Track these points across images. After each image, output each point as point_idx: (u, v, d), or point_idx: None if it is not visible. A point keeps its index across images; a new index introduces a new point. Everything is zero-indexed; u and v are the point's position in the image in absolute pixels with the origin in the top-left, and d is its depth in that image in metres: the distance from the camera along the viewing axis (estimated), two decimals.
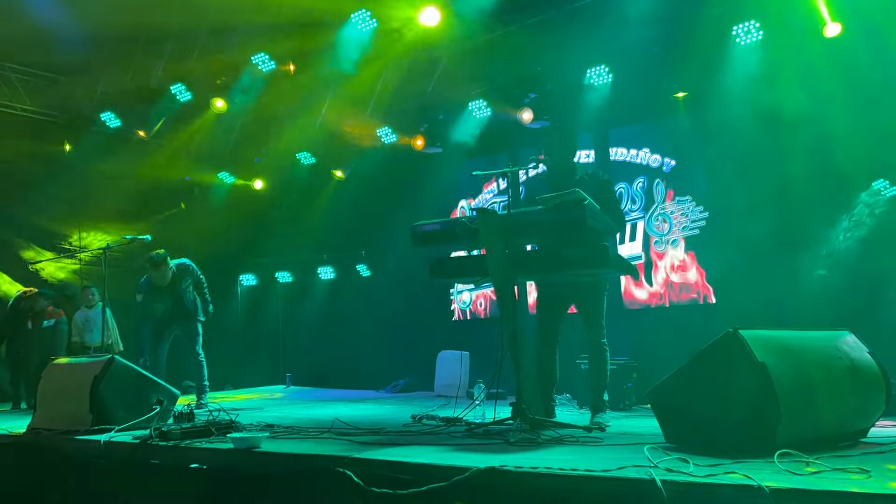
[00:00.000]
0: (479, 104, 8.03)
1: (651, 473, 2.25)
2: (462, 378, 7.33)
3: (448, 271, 4.26)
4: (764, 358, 2.76)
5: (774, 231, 6.67)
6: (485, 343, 8.57)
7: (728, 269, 7.15)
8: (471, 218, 3.96)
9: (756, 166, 6.92)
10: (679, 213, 7.96)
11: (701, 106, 7.41)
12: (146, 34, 8.18)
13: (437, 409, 5.35)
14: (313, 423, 4.58)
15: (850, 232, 6.14)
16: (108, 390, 4.56)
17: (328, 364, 9.84)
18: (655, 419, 3.16)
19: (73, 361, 5.11)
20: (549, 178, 4.48)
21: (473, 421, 4.12)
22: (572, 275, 3.89)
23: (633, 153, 8.25)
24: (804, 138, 6.45)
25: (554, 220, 3.65)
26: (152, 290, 6.70)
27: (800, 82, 6.35)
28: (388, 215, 9.65)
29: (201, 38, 7.95)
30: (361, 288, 10.04)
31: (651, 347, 6.85)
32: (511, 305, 3.87)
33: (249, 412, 5.99)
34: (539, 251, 3.95)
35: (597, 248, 3.70)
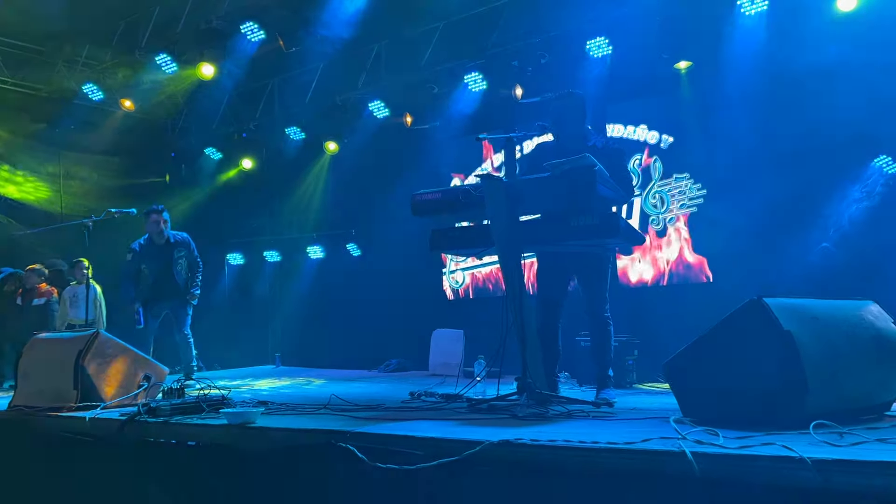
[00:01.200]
0: (475, 77, 7.83)
1: (680, 445, 2.10)
2: (458, 357, 7.18)
3: (449, 242, 4.08)
4: (790, 326, 2.62)
5: (775, 207, 6.57)
6: (479, 322, 8.45)
7: (727, 246, 7.05)
8: (475, 185, 3.78)
9: (756, 143, 6.81)
10: (677, 191, 7.84)
11: (700, 81, 7.27)
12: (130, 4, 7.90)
13: (434, 386, 5.22)
14: (308, 401, 4.41)
15: (861, 203, 6.03)
16: (93, 366, 4.36)
17: (318, 344, 9.68)
18: (663, 396, 3.03)
19: (56, 336, 4.90)
20: (558, 146, 4.30)
21: (476, 397, 3.97)
22: (580, 245, 3.73)
23: (630, 130, 8.10)
24: (807, 112, 6.34)
25: (562, 187, 3.49)
26: (144, 253, 6.59)
27: (805, 55, 6.21)
28: (378, 193, 9.48)
29: (188, 5, 7.67)
30: (351, 267, 9.86)
31: (651, 325, 6.74)
32: (517, 277, 3.71)
33: (240, 390, 5.82)
34: (546, 220, 3.78)
35: (607, 217, 3.55)
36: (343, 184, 9.88)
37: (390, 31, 8.24)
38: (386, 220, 9.47)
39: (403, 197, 9.10)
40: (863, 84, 5.95)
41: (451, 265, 9.41)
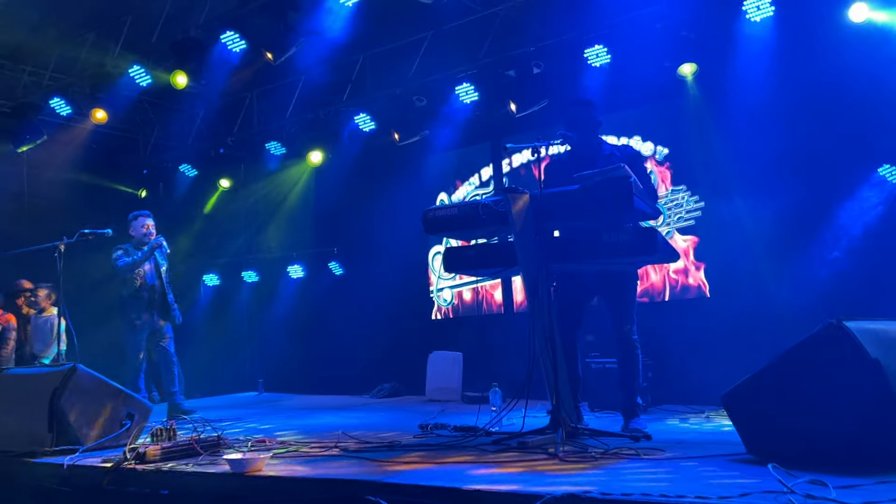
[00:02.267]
0: (466, 88, 7.54)
1: (792, 502, 1.79)
2: (457, 381, 6.83)
3: (466, 262, 3.76)
4: (876, 354, 2.34)
5: (778, 218, 6.36)
6: (470, 342, 8.19)
7: (727, 259, 6.83)
8: (496, 199, 3.47)
9: (756, 153, 6.61)
10: (673, 204, 7.61)
11: (697, 90, 7.07)
12: (101, 13, 7.47)
13: (442, 415, 4.89)
14: (311, 436, 4.04)
15: (877, 209, 5.84)
16: (71, 405, 3.94)
17: (302, 368, 9.25)
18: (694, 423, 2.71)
19: (28, 371, 4.45)
20: (574, 156, 4.01)
21: (498, 430, 3.64)
22: (614, 263, 3.44)
23: (623, 141, 7.88)
24: (813, 121, 6.17)
25: (595, 200, 3.19)
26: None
27: (812, 63, 6.05)
28: (361, 209, 9.15)
29: (163, 15, 7.28)
30: (334, 287, 9.46)
31: (656, 344, 6.48)
32: (545, 298, 3.39)
33: (230, 424, 5.40)
34: (574, 236, 3.48)
35: (643, 232, 3.26)
36: (325, 200, 9.51)
37: (376, 42, 7.93)
38: (369, 236, 9.14)
39: (388, 213, 8.92)
40: (871, 94, 5.79)
41: (439, 283, 9.08)
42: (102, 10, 7.40)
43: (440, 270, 8.93)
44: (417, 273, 8.96)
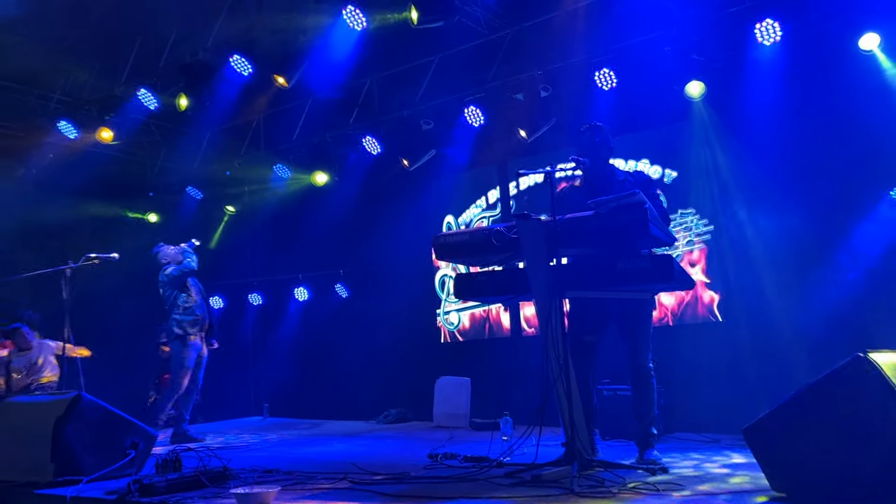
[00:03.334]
0: (473, 112, 7.51)
1: None
2: (465, 407, 6.73)
3: (476, 289, 3.70)
4: None
5: (790, 241, 6.28)
6: (477, 367, 8.09)
7: (737, 284, 6.75)
8: (508, 225, 3.42)
9: (766, 175, 6.55)
10: (682, 227, 7.55)
11: (705, 113, 7.04)
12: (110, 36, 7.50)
13: (449, 444, 4.80)
14: (318, 466, 3.95)
15: None
16: (75, 434, 3.86)
17: (308, 392, 9.15)
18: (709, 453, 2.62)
19: (30, 400, 4.38)
20: (586, 182, 3.96)
21: (510, 462, 3.55)
22: (629, 290, 3.37)
23: (631, 164, 7.83)
24: (821, 145, 6.12)
25: (611, 227, 3.13)
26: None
27: (823, 87, 6.02)
28: (367, 232, 9.12)
29: (171, 38, 7.30)
30: (340, 309, 9.39)
31: (666, 369, 6.37)
32: (559, 326, 3.32)
33: (237, 451, 5.31)
34: (588, 263, 3.42)
35: (659, 260, 3.19)
36: (331, 223, 9.46)
37: (384, 65, 7.93)
38: (376, 259, 9.09)
39: (394, 235, 8.86)
40: (883, 117, 5.74)
41: (446, 305, 9.00)
42: (111, 33, 7.41)
43: (446, 294, 8.86)
44: (423, 296, 8.90)
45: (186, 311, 6.72)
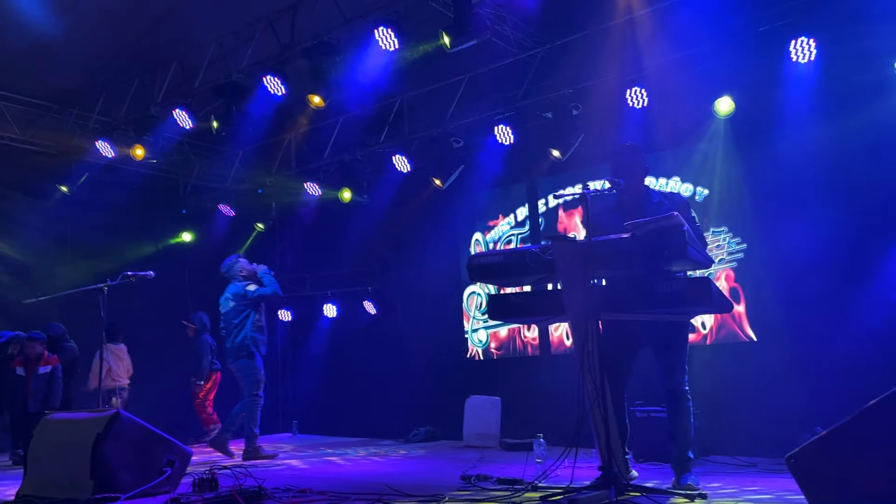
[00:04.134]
0: (503, 130, 7.54)
1: None
2: (495, 427, 6.69)
3: (510, 310, 3.69)
4: None
5: (825, 260, 6.17)
6: (506, 385, 8.06)
7: (771, 303, 6.64)
8: (543, 247, 3.42)
9: (800, 192, 6.46)
10: (714, 246, 7.47)
11: (736, 130, 6.97)
12: (147, 58, 7.66)
13: (480, 464, 4.78)
14: (350, 486, 3.96)
15: None
16: (113, 451, 3.91)
17: (336, 409, 9.18)
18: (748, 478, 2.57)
19: (70, 416, 4.45)
20: (621, 203, 3.95)
21: (545, 485, 3.53)
22: (666, 313, 3.34)
23: (661, 182, 7.79)
24: (858, 163, 6.03)
25: (649, 249, 3.12)
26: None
27: (857, 107, 5.95)
28: (396, 249, 9.17)
29: (206, 59, 7.44)
30: (369, 326, 9.43)
31: (700, 390, 6.29)
32: (594, 348, 3.30)
33: (269, 470, 5.34)
34: (624, 285, 3.40)
35: (698, 282, 3.17)
36: (360, 240, 9.52)
37: (414, 84, 7.99)
38: (404, 276, 9.13)
39: (422, 252, 8.88)
40: None
41: (474, 323, 8.99)
42: (148, 54, 7.58)
43: (475, 311, 8.85)
44: (452, 313, 8.90)
45: (259, 330, 6.91)
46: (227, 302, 6.97)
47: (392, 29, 6.15)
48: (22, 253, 8.34)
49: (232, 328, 6.83)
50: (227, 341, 6.87)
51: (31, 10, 6.65)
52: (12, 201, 8.39)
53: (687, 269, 3.32)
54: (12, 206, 8.38)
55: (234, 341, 6.79)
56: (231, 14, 6.95)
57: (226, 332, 6.92)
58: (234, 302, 6.88)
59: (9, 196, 8.37)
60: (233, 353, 6.78)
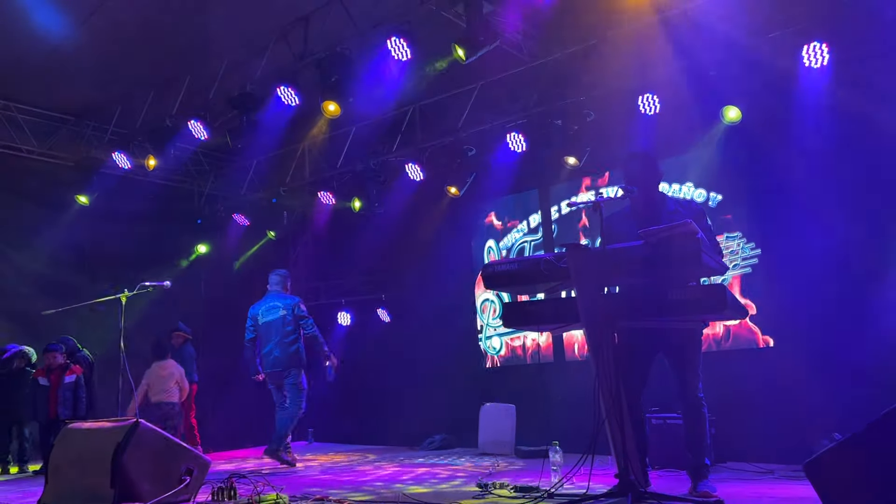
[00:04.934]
0: (515, 138, 7.56)
1: None
2: (510, 434, 6.69)
3: (525, 318, 3.71)
4: None
5: (840, 265, 6.14)
6: (521, 392, 8.05)
7: (787, 308, 6.61)
8: (558, 255, 3.43)
9: (814, 197, 6.43)
10: (728, 251, 7.45)
11: (749, 135, 6.95)
12: (162, 70, 7.75)
13: (496, 472, 4.78)
14: (367, 494, 3.98)
15: None
16: (133, 460, 3.96)
17: (351, 418, 9.20)
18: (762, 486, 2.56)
19: (91, 426, 4.50)
20: (636, 210, 3.95)
21: (562, 492, 3.54)
22: (681, 320, 3.35)
23: (675, 188, 7.78)
24: (872, 166, 6.01)
25: (663, 257, 3.13)
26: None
27: (870, 107, 5.92)
28: (410, 257, 9.19)
29: (220, 71, 7.51)
30: (383, 334, 9.46)
31: (716, 397, 6.25)
32: (610, 356, 3.31)
33: (286, 477, 5.37)
34: (638, 293, 3.41)
35: (713, 289, 3.18)
36: (374, 248, 9.56)
37: (426, 93, 8.03)
38: (418, 283, 9.15)
39: (436, 260, 8.90)
40: None
41: (488, 330, 9.00)
42: (163, 67, 7.66)
43: (489, 318, 8.87)
44: (466, 320, 8.91)
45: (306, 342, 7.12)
46: (276, 310, 7.02)
47: (405, 39, 6.20)
48: (40, 264, 8.43)
49: (284, 336, 6.89)
50: (275, 349, 6.88)
51: (48, 23, 6.75)
52: (30, 213, 8.50)
53: (702, 277, 3.32)
54: (30, 218, 8.48)
55: (286, 351, 6.86)
56: (245, 26, 7.01)
57: (272, 340, 6.93)
58: (286, 312, 6.97)
59: (27, 208, 8.48)
60: (283, 361, 6.85)
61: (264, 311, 7.07)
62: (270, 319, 6.98)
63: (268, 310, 7.05)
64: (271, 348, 6.86)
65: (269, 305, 7.06)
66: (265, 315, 7.05)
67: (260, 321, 7.04)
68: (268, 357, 6.91)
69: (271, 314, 7.02)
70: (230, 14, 6.91)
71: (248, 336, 7.08)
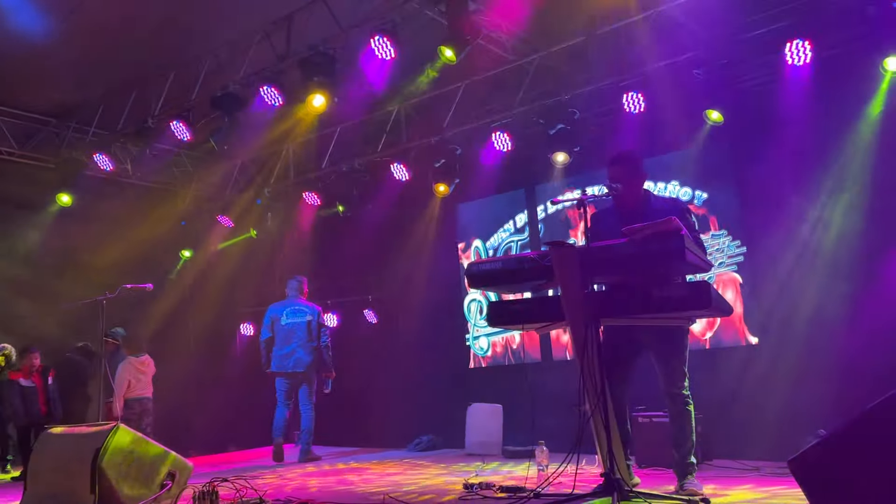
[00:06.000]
0: (500, 137, 7.53)
1: None
2: (497, 434, 6.66)
3: (510, 317, 3.68)
4: None
5: (825, 262, 6.17)
6: (508, 392, 8.02)
7: (772, 306, 6.62)
8: (542, 253, 3.41)
9: (799, 194, 6.46)
10: (714, 249, 7.46)
11: (734, 133, 6.96)
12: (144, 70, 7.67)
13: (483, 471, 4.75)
14: (353, 497, 3.94)
15: None
16: (113, 465, 3.90)
17: (338, 419, 9.12)
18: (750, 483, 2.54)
19: (71, 431, 4.43)
20: (620, 209, 3.94)
21: (548, 492, 3.51)
22: (666, 318, 3.33)
23: (660, 186, 7.78)
24: (858, 159, 6.04)
25: (647, 254, 3.11)
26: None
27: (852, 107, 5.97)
28: (396, 257, 9.14)
29: (203, 72, 7.44)
30: (369, 335, 9.40)
31: (701, 394, 6.25)
32: (594, 354, 3.29)
33: (269, 478, 5.31)
34: (623, 290, 3.39)
35: (696, 287, 3.16)
36: (360, 249, 9.51)
37: (411, 92, 7.99)
38: (404, 284, 9.11)
39: (422, 260, 8.86)
40: None
41: (475, 330, 8.97)
42: (145, 67, 7.58)
43: (476, 318, 8.84)
44: (453, 321, 8.88)
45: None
46: (302, 314, 7.66)
47: (388, 38, 6.16)
48: (20, 267, 8.31)
49: (308, 341, 7.58)
50: (299, 350, 7.52)
51: (27, 23, 6.66)
52: (10, 216, 8.39)
53: (686, 274, 3.30)
54: (11, 221, 8.37)
55: (310, 355, 7.57)
56: (227, 25, 6.95)
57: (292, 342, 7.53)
58: (312, 318, 7.64)
59: (7, 210, 8.36)
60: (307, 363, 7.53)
61: (288, 313, 7.61)
62: (296, 322, 7.57)
63: (293, 312, 7.61)
64: (294, 349, 7.44)
65: (293, 308, 7.64)
66: (289, 317, 7.60)
67: (283, 322, 7.55)
68: (288, 358, 7.47)
69: (297, 317, 7.61)
70: (212, 14, 6.84)
71: (266, 335, 7.69)
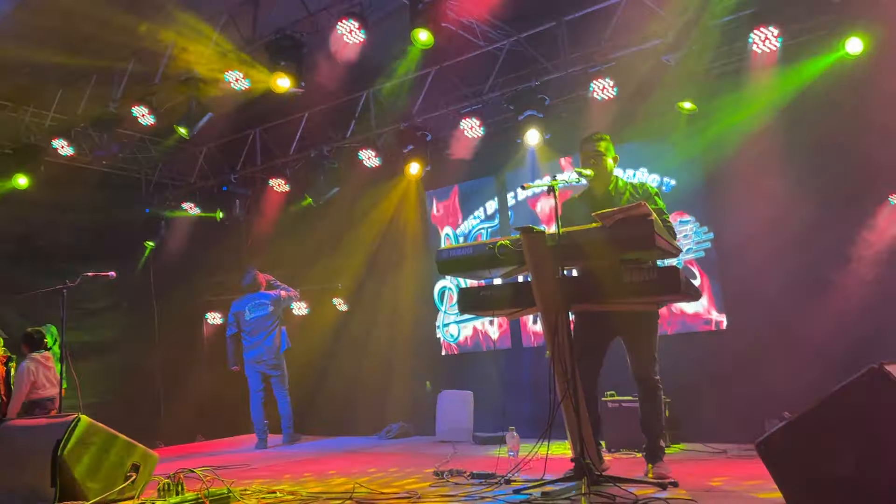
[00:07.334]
0: (470, 123, 7.49)
1: None
2: (467, 421, 6.66)
3: (481, 303, 3.66)
4: None
5: (791, 247, 6.23)
6: (478, 379, 8.04)
7: (739, 291, 6.70)
8: (513, 239, 3.38)
9: (768, 180, 6.51)
10: (682, 236, 7.51)
11: (703, 120, 7.00)
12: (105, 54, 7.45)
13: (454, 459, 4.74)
14: (319, 484, 3.89)
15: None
16: (74, 457, 3.79)
17: (307, 409, 9.05)
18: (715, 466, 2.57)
19: (30, 422, 4.31)
20: (590, 194, 3.93)
21: (519, 478, 3.51)
22: (637, 303, 3.33)
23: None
24: (821, 150, 6.10)
25: (617, 239, 3.10)
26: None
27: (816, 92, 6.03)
28: (365, 244, 9.07)
29: (167, 55, 7.25)
30: (338, 324, 9.33)
31: (669, 379, 6.30)
32: (565, 340, 3.28)
33: (239, 470, 5.24)
34: (594, 276, 3.38)
35: (666, 271, 3.16)
36: (328, 236, 9.42)
37: (380, 78, 7.90)
38: (374, 272, 9.05)
39: (392, 248, 8.81)
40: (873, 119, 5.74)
41: (445, 318, 8.95)
42: (106, 50, 7.37)
43: (446, 306, 8.82)
44: (423, 309, 8.85)
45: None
46: (263, 307, 7.96)
47: (357, 21, 6.07)
48: None
49: (269, 329, 7.89)
50: (265, 341, 7.85)
51: None
52: None
53: (655, 259, 3.31)
54: None
55: (273, 341, 7.87)
56: (191, 7, 6.78)
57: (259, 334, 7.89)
58: (273, 307, 7.97)
59: None
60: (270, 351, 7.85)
61: (251, 308, 7.93)
62: (260, 315, 7.91)
63: (255, 307, 7.92)
64: (261, 339, 7.79)
65: (256, 303, 7.95)
66: (253, 311, 7.92)
67: (247, 317, 7.87)
68: (257, 348, 7.81)
69: (260, 310, 7.93)
70: None
71: (231, 332, 7.98)
